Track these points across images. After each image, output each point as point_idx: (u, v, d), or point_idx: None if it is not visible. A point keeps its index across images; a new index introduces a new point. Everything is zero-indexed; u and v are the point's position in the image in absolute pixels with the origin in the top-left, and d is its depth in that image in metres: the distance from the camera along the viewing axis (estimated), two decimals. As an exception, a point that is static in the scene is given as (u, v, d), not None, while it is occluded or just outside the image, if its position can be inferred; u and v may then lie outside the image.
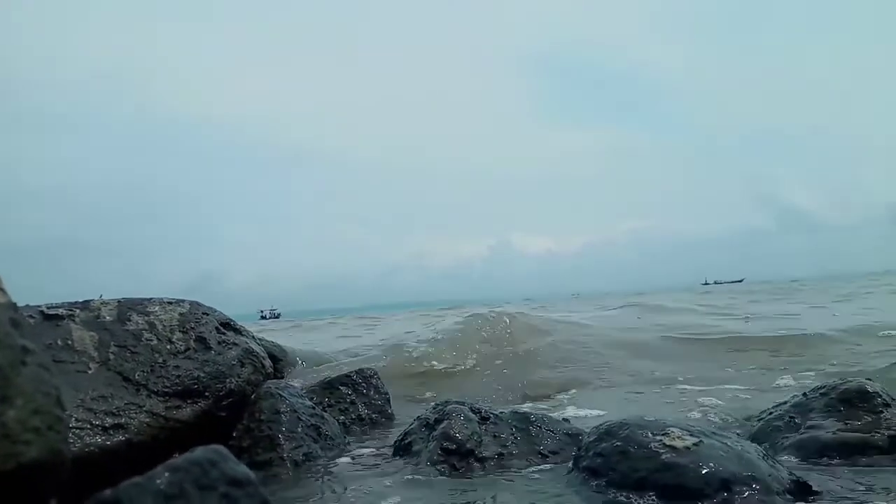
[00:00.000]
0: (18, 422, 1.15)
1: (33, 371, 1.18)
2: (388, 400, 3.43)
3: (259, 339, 3.57)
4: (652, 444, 1.91)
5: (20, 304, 1.26)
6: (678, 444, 1.90)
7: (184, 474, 0.89)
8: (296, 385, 3.04)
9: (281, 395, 2.68)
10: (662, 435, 1.94)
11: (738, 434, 2.31)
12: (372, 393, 3.37)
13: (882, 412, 2.27)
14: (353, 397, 3.32)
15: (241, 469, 0.96)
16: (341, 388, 3.33)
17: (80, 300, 3.01)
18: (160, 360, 2.72)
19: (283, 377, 3.74)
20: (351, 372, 3.45)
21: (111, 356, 2.69)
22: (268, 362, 3.09)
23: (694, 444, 1.89)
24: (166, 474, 0.88)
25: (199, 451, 0.95)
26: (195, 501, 0.87)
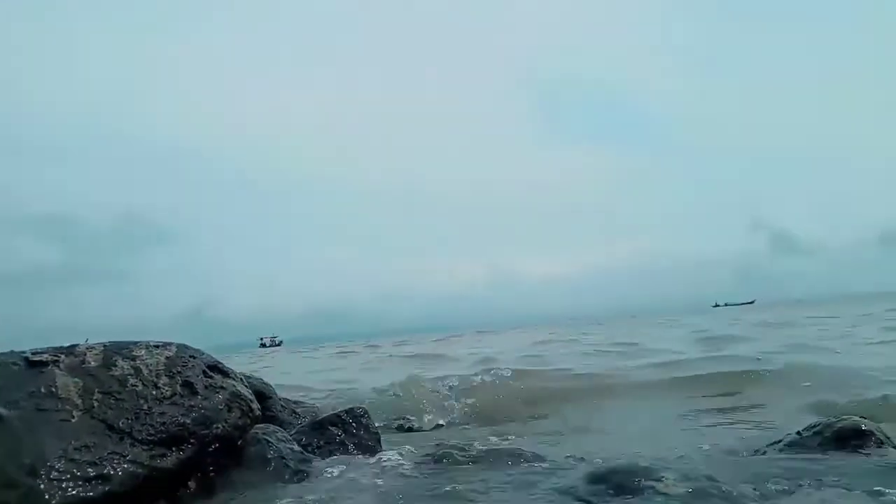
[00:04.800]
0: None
1: (7, 440, 1.15)
2: (378, 439, 3.38)
3: (248, 376, 3.54)
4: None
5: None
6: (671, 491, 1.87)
7: None
8: (282, 430, 2.99)
9: (268, 441, 2.64)
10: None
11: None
12: (361, 432, 3.32)
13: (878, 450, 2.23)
14: (343, 437, 3.26)
15: None
16: (331, 427, 3.28)
17: (66, 345, 2.98)
18: (145, 406, 2.68)
19: (273, 416, 3.69)
20: (340, 411, 3.40)
21: (95, 403, 2.64)
22: (255, 405, 3.04)
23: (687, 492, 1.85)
24: None
25: None
26: None
